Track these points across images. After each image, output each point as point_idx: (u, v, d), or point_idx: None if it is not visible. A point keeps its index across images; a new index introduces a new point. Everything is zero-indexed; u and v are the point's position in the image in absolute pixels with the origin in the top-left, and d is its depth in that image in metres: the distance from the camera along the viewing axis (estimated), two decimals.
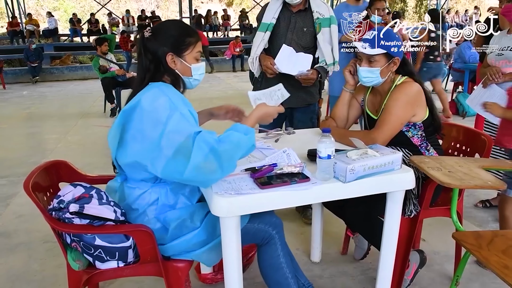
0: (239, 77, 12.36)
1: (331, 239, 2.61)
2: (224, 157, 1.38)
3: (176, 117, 1.42)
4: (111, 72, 6.66)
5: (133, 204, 1.59)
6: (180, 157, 1.37)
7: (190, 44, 1.60)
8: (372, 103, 2.12)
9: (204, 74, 1.71)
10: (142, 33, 1.59)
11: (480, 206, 3.15)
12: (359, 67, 1.98)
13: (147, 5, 22.70)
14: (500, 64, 2.75)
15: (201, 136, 1.39)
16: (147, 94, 1.50)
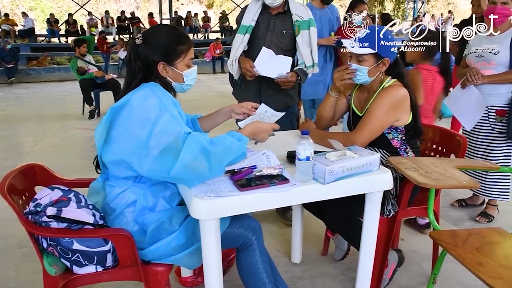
0: (219, 79, 12.35)
1: (312, 240, 2.62)
2: (214, 158, 1.39)
3: (166, 117, 1.43)
4: (90, 73, 6.57)
5: (112, 203, 1.58)
6: (168, 156, 1.38)
7: (182, 52, 1.60)
8: (359, 100, 2.14)
9: (196, 78, 1.71)
10: (134, 39, 1.59)
11: (456, 205, 3.21)
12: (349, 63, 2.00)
13: (126, 6, 22.47)
14: (479, 66, 2.81)
15: (193, 136, 1.40)
16: (138, 93, 1.50)
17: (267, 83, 2.61)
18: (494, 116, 2.80)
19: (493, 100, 2.79)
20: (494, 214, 2.98)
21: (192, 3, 24.13)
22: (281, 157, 1.72)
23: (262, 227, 1.75)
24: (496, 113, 2.79)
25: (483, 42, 2.81)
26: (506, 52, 2.69)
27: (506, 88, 2.74)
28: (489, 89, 2.78)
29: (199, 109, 7.42)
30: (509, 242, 1.74)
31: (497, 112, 2.78)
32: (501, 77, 2.72)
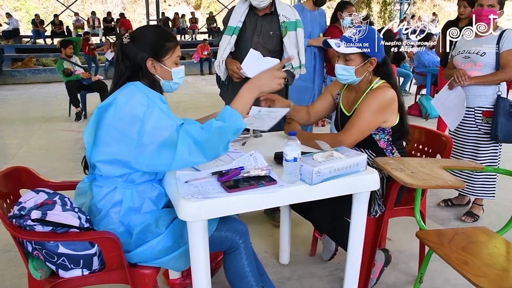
0: (207, 80, 12.32)
1: (299, 241, 2.63)
2: (207, 146, 1.40)
3: (156, 113, 1.43)
4: (76, 75, 6.51)
5: (99, 204, 1.57)
6: (165, 150, 1.39)
7: (169, 49, 1.61)
8: (347, 100, 2.15)
9: (183, 77, 1.72)
10: (121, 38, 1.59)
11: (442, 205, 3.24)
12: (336, 64, 2.01)
13: (113, 7, 22.31)
14: (465, 67, 2.84)
15: (184, 129, 1.40)
16: (124, 91, 1.50)
17: None
18: (480, 117, 2.84)
19: (480, 101, 2.82)
20: (479, 214, 3.02)
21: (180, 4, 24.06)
22: (268, 158, 1.72)
23: (250, 228, 1.75)
24: (482, 114, 2.83)
25: (470, 44, 2.84)
26: (493, 54, 2.73)
27: (492, 90, 2.78)
28: (476, 90, 2.82)
29: (187, 110, 7.42)
30: (493, 241, 1.76)
31: (483, 113, 2.82)
32: (488, 79, 2.76)
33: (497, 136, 2.72)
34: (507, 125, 2.70)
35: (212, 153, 1.43)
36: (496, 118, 2.71)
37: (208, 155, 1.42)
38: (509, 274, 1.53)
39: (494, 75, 2.74)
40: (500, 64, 2.72)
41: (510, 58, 2.69)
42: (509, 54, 2.69)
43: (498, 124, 2.70)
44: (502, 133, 2.70)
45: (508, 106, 2.70)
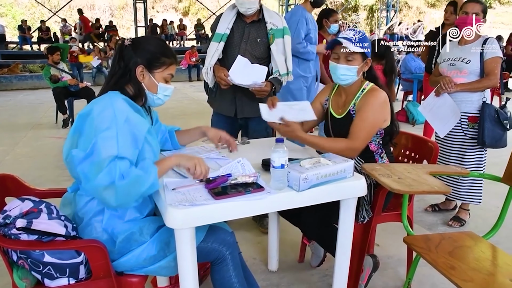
0: (195, 87, 12.30)
1: (288, 247, 2.63)
2: (121, 192, 1.37)
3: (111, 133, 1.41)
4: (63, 81, 6.46)
5: (80, 212, 1.55)
6: (91, 168, 1.38)
7: (163, 64, 1.63)
8: (336, 103, 2.17)
9: (170, 96, 1.72)
10: (123, 41, 1.62)
11: (429, 210, 3.27)
12: (336, 65, 2.01)
13: (101, 13, 22.25)
14: (451, 74, 2.89)
15: (113, 165, 1.37)
16: (100, 103, 1.50)
17: (242, 91, 2.61)
18: (466, 123, 2.88)
19: (466, 107, 2.87)
20: (466, 219, 3.05)
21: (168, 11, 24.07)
22: (256, 165, 1.72)
23: (239, 235, 1.75)
24: (468, 120, 2.87)
25: (454, 52, 2.89)
26: (477, 61, 2.78)
27: (478, 96, 2.83)
28: (462, 96, 2.86)
29: (175, 117, 7.39)
30: (479, 245, 1.78)
31: (469, 118, 2.86)
32: (473, 86, 2.80)
33: (484, 142, 2.76)
34: (493, 130, 2.74)
35: (123, 200, 1.39)
36: (482, 124, 2.75)
37: (119, 200, 1.38)
38: (494, 278, 1.54)
39: (479, 82, 2.79)
40: (485, 72, 2.77)
41: (493, 65, 2.74)
42: (493, 61, 2.75)
43: (485, 129, 2.74)
44: (489, 138, 2.74)
45: (493, 112, 2.75)
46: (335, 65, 2.02)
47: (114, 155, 1.38)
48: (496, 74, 2.75)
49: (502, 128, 2.76)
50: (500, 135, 2.76)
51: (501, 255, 1.70)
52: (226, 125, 2.77)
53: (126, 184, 1.36)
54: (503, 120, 2.74)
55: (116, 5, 23.44)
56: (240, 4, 2.55)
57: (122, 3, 23.36)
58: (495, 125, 2.74)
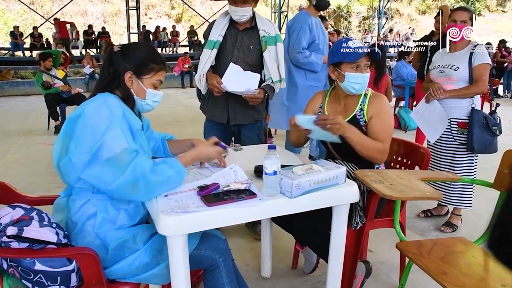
0: (188, 93, 12.30)
1: (281, 253, 2.63)
2: (151, 187, 1.45)
3: (116, 130, 1.45)
4: (55, 88, 6.44)
5: (73, 217, 1.55)
6: (111, 168, 1.41)
7: (152, 70, 1.64)
8: (334, 110, 2.19)
9: (159, 102, 1.74)
10: (112, 47, 1.63)
11: (422, 216, 3.29)
12: (363, 74, 2.03)
13: (94, 20, 22.19)
14: (441, 81, 2.93)
15: (140, 159, 1.43)
16: (91, 104, 1.52)
17: (234, 98, 2.62)
18: (456, 128, 2.91)
19: (455, 113, 2.90)
20: (458, 224, 3.07)
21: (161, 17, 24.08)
22: (248, 172, 1.72)
23: (232, 242, 1.74)
24: (458, 125, 2.90)
25: (444, 59, 2.94)
26: (465, 68, 2.82)
27: (467, 102, 2.86)
28: (452, 102, 2.89)
29: (168, 123, 7.38)
30: (471, 251, 1.79)
31: (459, 124, 2.89)
32: (461, 92, 2.84)
33: (473, 147, 2.79)
34: (482, 136, 2.78)
35: (151, 194, 1.48)
36: (471, 130, 2.79)
37: (148, 194, 1.47)
38: (486, 284, 1.55)
39: (468, 88, 2.83)
40: (473, 78, 2.81)
41: (481, 72, 2.78)
42: (481, 68, 2.78)
43: (474, 135, 2.77)
44: (477, 144, 2.78)
45: (482, 118, 2.79)
46: (360, 75, 2.02)
47: (129, 147, 1.44)
48: (484, 80, 2.78)
49: (491, 134, 2.79)
50: (489, 141, 2.80)
51: (493, 260, 1.71)
52: (218, 132, 2.78)
53: (158, 181, 1.46)
54: (491, 126, 2.77)
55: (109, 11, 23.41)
56: (233, 12, 2.57)
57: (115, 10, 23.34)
58: (484, 131, 2.78)
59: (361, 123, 2.06)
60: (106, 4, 23.46)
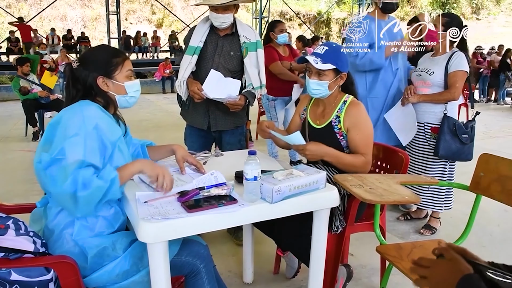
0: (169, 99, 12.22)
1: (263, 259, 2.62)
2: (82, 202, 1.39)
3: (78, 139, 1.43)
4: (33, 93, 6.34)
5: (50, 224, 1.53)
6: (57, 172, 1.38)
7: (118, 64, 1.64)
8: (314, 113, 2.21)
9: (139, 91, 1.74)
10: (70, 65, 1.62)
11: (402, 219, 3.32)
12: (308, 79, 2.06)
13: (73, 24, 21.92)
14: (417, 84, 2.99)
15: (77, 173, 1.38)
16: (69, 111, 1.53)
17: (215, 104, 2.61)
18: (429, 133, 2.97)
19: (429, 118, 2.97)
20: (436, 226, 3.12)
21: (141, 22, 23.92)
22: (229, 177, 1.72)
23: (213, 248, 1.74)
24: (431, 130, 2.96)
25: (425, 63, 3.01)
26: (441, 74, 2.87)
27: (440, 108, 2.92)
28: (426, 107, 2.96)
29: (149, 129, 7.32)
30: None
31: (432, 129, 2.96)
32: (433, 97, 2.91)
33: (437, 153, 2.85)
34: (449, 143, 2.82)
35: (84, 209, 1.42)
36: (440, 135, 2.84)
37: (80, 209, 1.41)
38: None
39: (440, 94, 2.89)
40: (447, 84, 2.86)
41: (455, 79, 2.83)
42: (455, 75, 2.83)
43: (441, 141, 2.83)
44: (443, 150, 2.83)
45: (451, 125, 2.84)
46: (307, 79, 2.08)
47: (80, 160, 1.40)
48: (457, 87, 2.83)
49: (460, 142, 2.83)
50: (457, 148, 2.84)
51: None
52: (199, 138, 2.77)
53: (87, 195, 1.38)
54: (461, 134, 2.81)
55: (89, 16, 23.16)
56: (214, 18, 2.57)
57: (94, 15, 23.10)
58: (452, 138, 2.82)
59: (335, 130, 2.09)
60: (86, 9, 23.22)
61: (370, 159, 2.07)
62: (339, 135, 2.08)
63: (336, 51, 2.04)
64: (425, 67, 2.97)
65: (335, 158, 2.00)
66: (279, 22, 4.36)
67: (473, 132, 2.88)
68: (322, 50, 2.03)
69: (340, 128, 2.08)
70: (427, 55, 3.06)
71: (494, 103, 11.75)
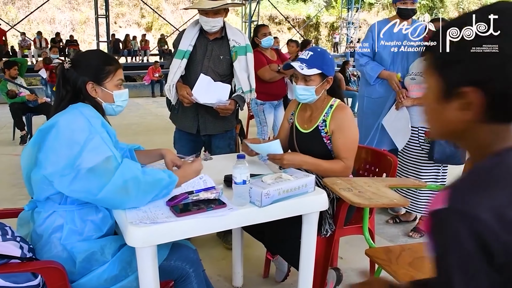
0: (158, 103, 12.16)
1: (253, 263, 2.62)
2: (143, 188, 1.44)
3: (96, 140, 1.44)
4: (21, 97, 6.27)
5: (38, 229, 1.51)
6: (95, 177, 1.39)
7: (109, 72, 1.64)
8: (302, 117, 2.21)
9: (127, 100, 1.74)
10: (62, 65, 1.61)
11: (391, 222, 3.34)
12: (295, 85, 2.06)
13: (61, 27, 21.75)
14: (412, 88, 3.00)
15: (127, 162, 1.45)
16: (66, 115, 1.50)
17: (204, 109, 2.61)
18: (423, 137, 2.98)
19: (423, 122, 2.96)
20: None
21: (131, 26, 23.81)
22: (218, 181, 1.72)
23: (203, 252, 1.73)
24: (425, 134, 2.97)
25: (419, 66, 3.01)
26: None
27: None
28: (420, 111, 2.96)
29: (138, 133, 7.28)
30: None
31: (426, 133, 2.96)
32: None
33: (432, 157, 2.86)
34: (444, 146, 2.84)
35: (142, 197, 1.46)
36: (434, 140, 2.85)
37: (139, 197, 1.45)
38: None
39: None
40: None
41: None
42: None
43: (436, 145, 2.84)
44: (438, 154, 2.84)
45: None
46: (294, 85, 2.08)
47: (112, 154, 1.43)
48: None
49: (454, 145, 2.85)
50: (451, 152, 2.85)
51: None
52: (188, 142, 2.76)
53: (150, 181, 1.46)
54: None
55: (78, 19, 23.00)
56: (204, 23, 2.57)
57: (83, 18, 22.95)
58: (446, 142, 2.84)
59: (322, 134, 2.09)
60: (75, 12, 23.06)
61: (350, 164, 2.05)
62: (326, 139, 2.09)
63: (321, 56, 2.03)
64: (419, 70, 2.98)
65: (313, 165, 1.99)
66: (262, 26, 4.34)
67: None
68: (307, 55, 2.03)
69: (327, 132, 2.08)
70: (420, 59, 3.07)
71: None
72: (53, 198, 1.50)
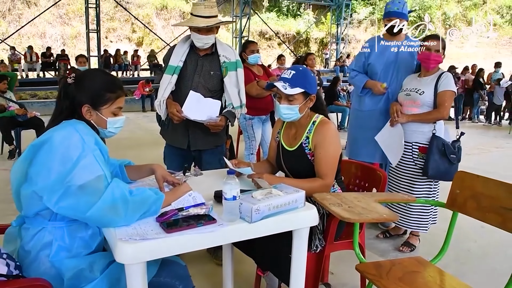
0: (148, 117, 12.15)
1: (243, 279, 2.60)
2: (131, 207, 1.44)
3: (89, 158, 1.43)
4: (10, 111, 6.22)
5: (26, 246, 1.49)
6: (86, 195, 1.38)
7: (109, 100, 1.62)
8: (287, 135, 2.22)
9: (121, 127, 1.72)
10: (66, 78, 1.60)
11: (381, 236, 3.35)
12: (279, 105, 2.07)
13: (52, 42, 21.72)
14: (406, 104, 3.02)
15: (116, 181, 1.45)
16: (60, 131, 1.48)
17: (195, 124, 2.61)
18: (417, 153, 2.99)
19: (417, 137, 2.99)
20: (416, 243, 3.14)
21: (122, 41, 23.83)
22: (208, 197, 1.72)
23: (193, 269, 1.72)
24: (419, 150, 2.99)
25: (413, 83, 3.05)
26: (431, 94, 2.92)
27: (428, 127, 2.95)
28: (414, 127, 2.99)
29: (128, 148, 7.25)
30: (427, 270, 1.84)
31: (419, 148, 2.98)
32: (422, 117, 2.94)
33: (427, 173, 2.88)
34: (438, 162, 2.86)
35: (131, 216, 1.45)
36: (429, 155, 2.87)
37: (128, 216, 1.44)
38: None
39: (429, 113, 2.93)
40: (436, 104, 2.91)
41: (444, 98, 2.88)
42: (444, 94, 2.89)
43: (430, 161, 2.85)
44: (432, 170, 2.86)
45: (440, 145, 2.87)
46: (277, 104, 2.09)
47: (103, 173, 1.43)
48: (446, 107, 2.88)
49: (448, 162, 2.86)
50: (445, 168, 2.86)
51: (448, 279, 1.77)
52: (178, 157, 2.76)
53: (137, 200, 1.46)
54: (449, 154, 2.85)
55: (69, 34, 22.96)
56: (197, 39, 2.58)
57: (74, 32, 22.91)
58: (441, 158, 2.85)
59: (306, 151, 2.10)
60: (66, 27, 23.03)
61: (329, 181, 2.04)
62: (310, 156, 2.09)
63: (303, 74, 2.04)
64: (414, 87, 3.01)
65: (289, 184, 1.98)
66: (251, 43, 4.37)
67: (459, 152, 2.92)
68: (290, 74, 2.03)
69: (310, 149, 2.09)
70: (413, 76, 3.11)
71: (469, 121, 12.07)
72: (42, 214, 1.48)
